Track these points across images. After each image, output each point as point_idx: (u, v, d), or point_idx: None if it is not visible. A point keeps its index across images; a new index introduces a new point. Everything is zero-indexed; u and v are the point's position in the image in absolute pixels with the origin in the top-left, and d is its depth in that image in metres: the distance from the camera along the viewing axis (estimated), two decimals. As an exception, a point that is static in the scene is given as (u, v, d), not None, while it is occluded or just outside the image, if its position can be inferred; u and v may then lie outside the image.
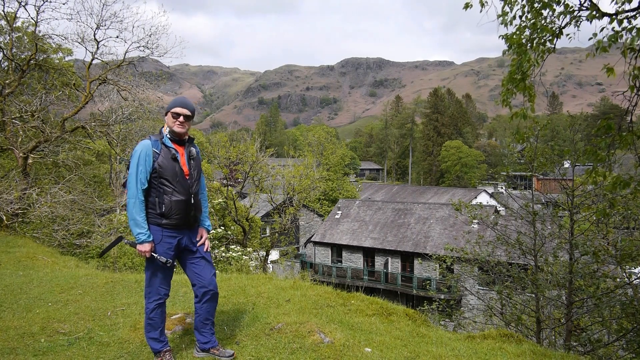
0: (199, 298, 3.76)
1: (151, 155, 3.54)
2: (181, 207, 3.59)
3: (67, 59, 16.75)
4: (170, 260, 3.62)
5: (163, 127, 3.73)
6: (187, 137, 3.75)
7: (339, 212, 35.80)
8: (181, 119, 3.62)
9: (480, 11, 4.84)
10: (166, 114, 3.67)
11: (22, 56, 14.74)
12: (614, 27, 4.18)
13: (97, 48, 13.34)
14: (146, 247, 3.50)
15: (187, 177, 3.65)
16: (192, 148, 3.75)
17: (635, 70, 4.04)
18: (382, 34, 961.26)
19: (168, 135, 3.65)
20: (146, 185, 3.52)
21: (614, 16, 4.19)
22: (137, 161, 3.50)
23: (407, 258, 30.85)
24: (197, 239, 3.82)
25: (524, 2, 4.63)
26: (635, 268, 8.16)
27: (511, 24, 4.77)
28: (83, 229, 12.53)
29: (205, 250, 3.83)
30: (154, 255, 3.55)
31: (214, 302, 3.81)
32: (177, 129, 3.62)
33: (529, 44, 4.63)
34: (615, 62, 4.18)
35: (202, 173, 3.91)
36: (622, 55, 4.06)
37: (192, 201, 3.65)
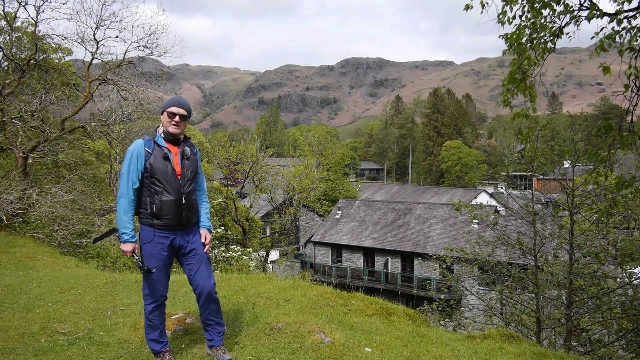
0: (197, 299, 3.76)
1: (143, 154, 3.49)
2: (171, 207, 3.52)
3: (66, 58, 16.75)
4: (150, 268, 3.46)
5: (159, 126, 3.67)
6: (182, 136, 3.68)
7: (339, 212, 35.79)
8: (177, 119, 3.56)
9: (482, 12, 4.83)
10: (162, 113, 3.61)
11: (22, 56, 14.74)
12: (613, 27, 4.18)
13: (97, 48, 13.36)
14: (127, 247, 3.47)
15: (179, 177, 3.57)
16: (186, 147, 3.66)
17: (634, 70, 4.03)
18: (381, 35, 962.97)
19: (162, 135, 3.60)
20: (137, 185, 3.49)
21: (614, 16, 4.18)
22: (129, 160, 3.48)
23: (407, 258, 30.84)
24: (194, 239, 3.73)
25: (524, 1, 4.63)
26: (635, 268, 8.15)
27: (510, 23, 4.76)
28: (83, 229, 12.52)
29: (204, 251, 3.76)
30: (135, 257, 3.49)
31: (212, 304, 3.74)
32: (172, 129, 3.56)
33: (529, 44, 4.63)
34: (613, 62, 4.17)
35: (201, 174, 3.83)
36: (619, 54, 4.06)
37: (184, 201, 3.57)
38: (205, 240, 3.77)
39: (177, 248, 3.66)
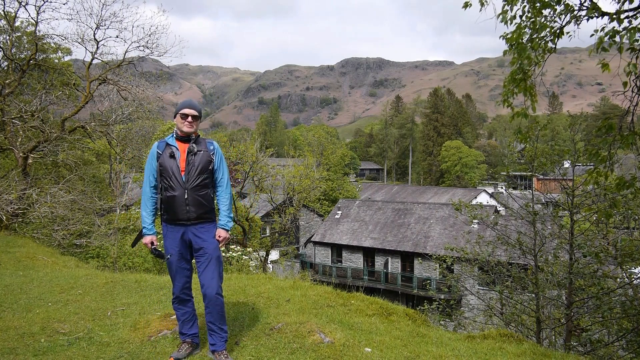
0: (202, 299, 3.82)
1: (155, 155, 3.82)
2: (173, 202, 3.73)
3: (66, 58, 16.75)
4: (162, 253, 3.82)
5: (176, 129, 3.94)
6: (194, 135, 3.87)
7: (339, 212, 35.78)
8: (189, 119, 3.80)
9: (480, 10, 4.83)
10: (175, 116, 3.86)
11: (22, 56, 14.73)
12: (614, 27, 4.17)
13: (97, 48, 13.34)
14: (146, 240, 3.86)
15: (183, 173, 3.73)
16: (193, 144, 3.80)
17: (634, 69, 4.02)
18: (381, 35, 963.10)
19: (174, 135, 3.86)
20: (154, 183, 3.83)
21: (614, 15, 4.17)
22: (147, 161, 3.86)
23: (407, 258, 30.83)
24: (205, 237, 3.78)
25: (524, 1, 4.62)
26: (635, 268, 8.15)
27: (511, 23, 4.75)
28: (83, 229, 12.52)
29: (214, 248, 3.80)
30: (153, 247, 3.83)
31: (215, 307, 3.75)
32: (186, 128, 3.79)
33: (530, 44, 4.62)
34: (612, 59, 4.15)
35: (219, 169, 3.88)
36: (619, 51, 4.04)
37: (186, 196, 3.71)
38: (219, 238, 3.85)
39: (189, 245, 3.83)
